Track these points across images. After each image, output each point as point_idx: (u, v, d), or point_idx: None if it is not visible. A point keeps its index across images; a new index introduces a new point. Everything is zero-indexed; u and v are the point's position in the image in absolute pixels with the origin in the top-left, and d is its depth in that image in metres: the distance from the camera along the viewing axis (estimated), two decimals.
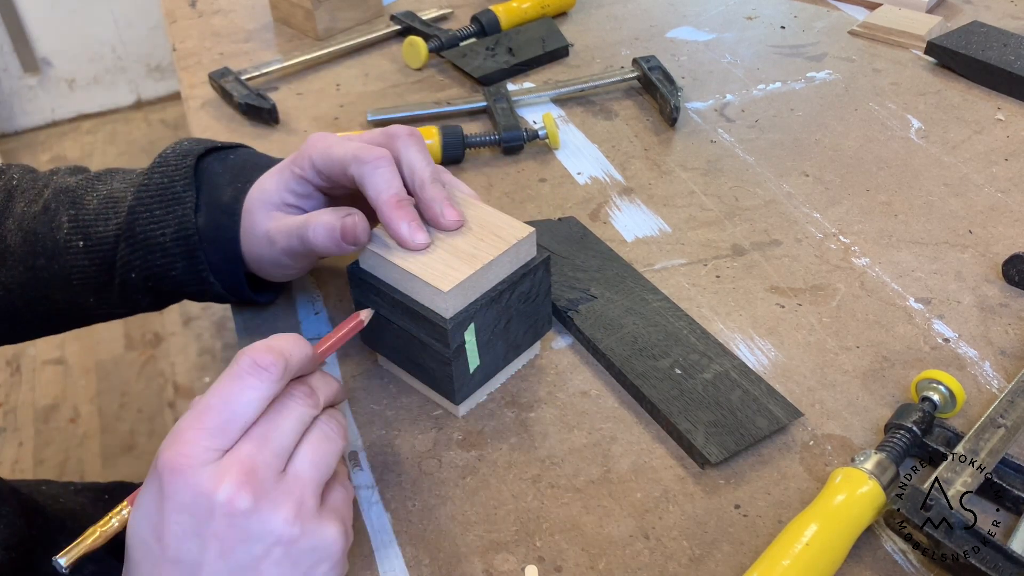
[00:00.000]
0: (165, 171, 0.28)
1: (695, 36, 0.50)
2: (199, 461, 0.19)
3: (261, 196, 0.27)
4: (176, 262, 0.28)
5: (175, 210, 0.27)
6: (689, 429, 0.26)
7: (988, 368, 0.29)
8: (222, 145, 0.30)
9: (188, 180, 0.28)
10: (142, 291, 0.28)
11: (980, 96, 0.43)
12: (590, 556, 0.24)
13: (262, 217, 0.27)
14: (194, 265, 0.28)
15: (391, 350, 0.27)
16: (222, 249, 0.28)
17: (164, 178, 0.28)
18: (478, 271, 0.25)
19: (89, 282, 0.28)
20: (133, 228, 0.27)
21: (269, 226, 0.27)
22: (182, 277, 0.28)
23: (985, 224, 0.35)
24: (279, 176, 0.27)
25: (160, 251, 0.27)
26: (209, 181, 0.28)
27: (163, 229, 0.27)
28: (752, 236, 0.35)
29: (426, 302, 0.25)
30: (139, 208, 0.27)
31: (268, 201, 0.27)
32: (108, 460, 0.87)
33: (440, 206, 0.25)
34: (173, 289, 0.28)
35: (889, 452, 0.25)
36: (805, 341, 0.30)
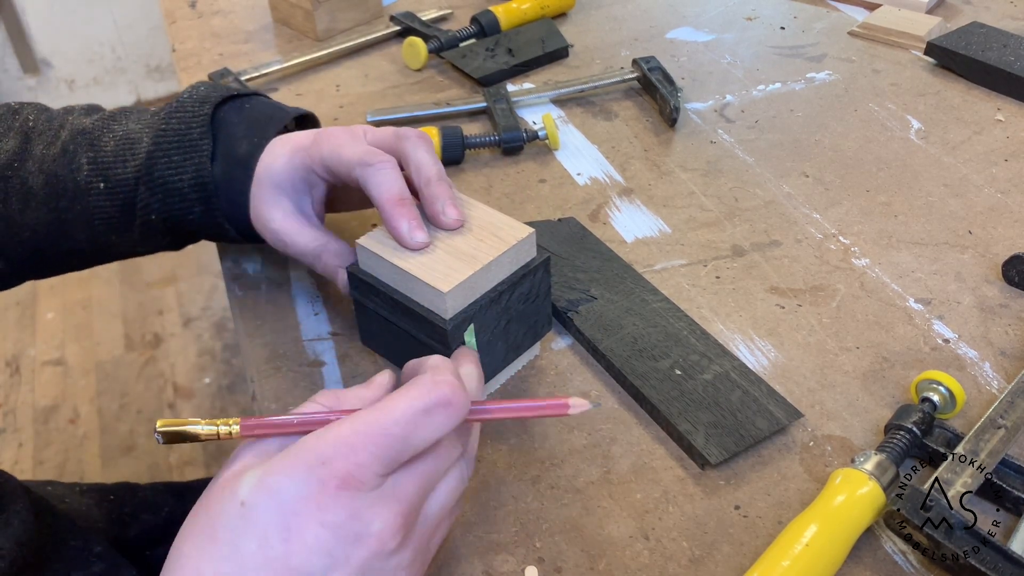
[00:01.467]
0: (183, 117, 0.29)
1: (695, 37, 0.50)
2: (368, 486, 0.18)
3: (269, 175, 0.28)
4: (194, 207, 0.28)
5: (192, 157, 0.28)
6: (689, 430, 0.26)
7: (988, 369, 0.29)
8: (239, 93, 0.30)
9: (205, 128, 0.28)
10: (161, 232, 0.29)
11: (980, 97, 0.43)
12: (590, 557, 0.24)
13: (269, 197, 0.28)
14: (210, 211, 0.28)
15: (390, 350, 0.27)
16: (235, 199, 0.28)
17: (181, 124, 0.28)
18: (478, 272, 0.24)
19: (111, 222, 0.29)
20: (152, 172, 0.28)
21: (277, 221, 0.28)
22: (199, 221, 0.29)
23: (985, 225, 0.35)
24: (290, 160, 0.28)
25: (179, 196, 0.28)
26: (225, 131, 0.29)
27: (180, 175, 0.28)
28: (752, 237, 0.35)
29: (426, 303, 0.25)
30: (157, 153, 0.28)
31: (276, 184, 0.28)
32: (108, 461, 0.87)
33: (443, 204, 0.25)
34: (191, 231, 0.30)
35: (889, 453, 0.25)
36: (805, 342, 0.30)
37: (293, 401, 0.29)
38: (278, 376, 0.29)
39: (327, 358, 0.30)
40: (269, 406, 0.29)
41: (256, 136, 0.29)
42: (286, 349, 0.31)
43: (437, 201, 0.26)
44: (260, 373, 0.30)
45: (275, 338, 0.31)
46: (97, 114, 0.30)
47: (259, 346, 0.31)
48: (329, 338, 0.31)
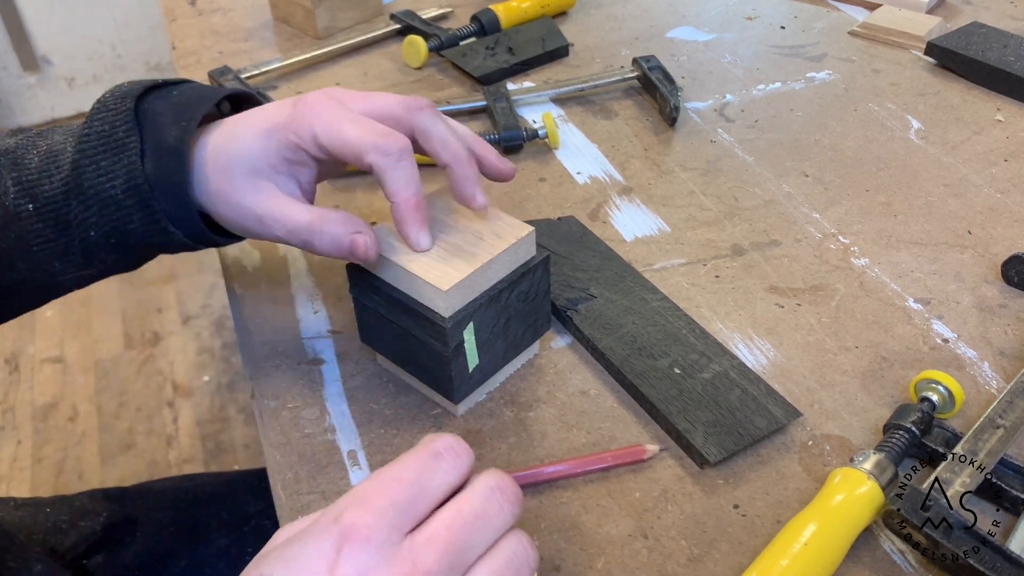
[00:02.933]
0: (105, 117, 0.25)
1: (695, 36, 0.50)
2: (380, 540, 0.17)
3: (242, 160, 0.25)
4: (132, 214, 0.25)
5: (121, 158, 0.25)
6: (688, 429, 0.26)
7: (987, 368, 0.29)
8: (164, 82, 0.27)
9: (130, 124, 0.25)
10: (106, 248, 0.26)
11: (980, 97, 0.43)
12: (588, 555, 0.24)
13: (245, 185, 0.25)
14: (151, 215, 0.25)
15: (390, 349, 0.27)
16: (173, 194, 0.25)
17: (105, 124, 0.25)
18: (477, 270, 0.24)
19: (49, 247, 0.26)
20: (81, 183, 0.25)
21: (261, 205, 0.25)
22: (141, 229, 0.25)
23: (984, 225, 0.35)
24: (265, 140, 0.25)
25: (113, 205, 0.25)
26: (152, 122, 0.25)
27: (112, 181, 0.25)
28: (751, 236, 0.35)
29: (425, 301, 0.25)
30: (83, 161, 0.25)
31: (252, 168, 0.25)
32: (107, 459, 0.86)
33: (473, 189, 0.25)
34: (136, 242, 0.26)
35: (888, 452, 0.25)
36: (804, 341, 0.30)
37: (292, 400, 0.29)
38: (277, 374, 0.29)
39: (326, 356, 0.30)
40: (269, 404, 0.29)
41: (186, 119, 0.25)
42: (285, 347, 0.30)
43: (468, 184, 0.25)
44: (259, 371, 0.30)
45: (274, 336, 0.31)
46: (23, 133, 0.27)
47: (258, 344, 0.31)
48: (328, 336, 0.31)
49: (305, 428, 0.28)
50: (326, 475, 0.26)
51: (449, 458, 0.18)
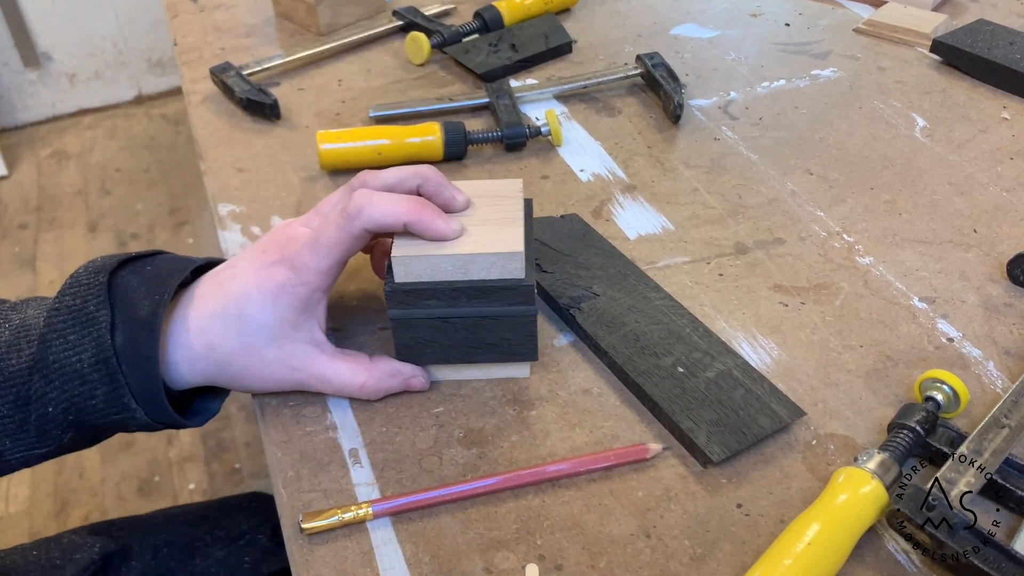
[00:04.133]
0: (77, 291, 0.25)
1: (699, 33, 0.50)
2: None
3: (261, 333, 0.25)
4: (96, 389, 0.24)
5: (90, 332, 0.24)
6: (691, 428, 0.26)
7: (992, 368, 0.29)
8: (138, 255, 0.27)
9: (102, 298, 0.25)
10: (62, 426, 0.25)
11: (985, 95, 0.43)
12: (591, 555, 0.24)
13: (275, 356, 0.26)
14: (115, 390, 0.24)
15: (447, 351, 0.27)
16: (141, 369, 0.24)
17: (76, 299, 0.25)
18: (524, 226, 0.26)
19: (3, 423, 0.25)
20: (46, 357, 0.24)
21: (302, 371, 0.26)
22: (102, 405, 0.25)
23: (990, 223, 0.35)
24: (275, 304, 0.25)
25: (78, 379, 0.24)
26: (124, 297, 0.25)
27: (79, 355, 0.24)
28: (755, 234, 0.35)
29: (497, 274, 0.25)
30: (51, 335, 0.24)
31: (273, 336, 0.25)
32: (107, 457, 0.87)
33: (449, 190, 0.26)
34: (95, 422, 0.25)
35: (892, 452, 0.25)
36: (808, 340, 0.30)
37: (292, 397, 0.29)
38: None
39: None
40: (270, 402, 0.28)
41: (158, 293, 0.25)
42: None
43: (442, 192, 0.26)
44: None
45: None
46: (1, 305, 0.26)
47: None
48: (330, 334, 0.31)
49: (306, 426, 0.27)
50: (327, 473, 0.26)
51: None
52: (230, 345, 0.25)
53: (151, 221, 1.18)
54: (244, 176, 0.40)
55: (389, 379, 0.27)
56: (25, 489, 0.83)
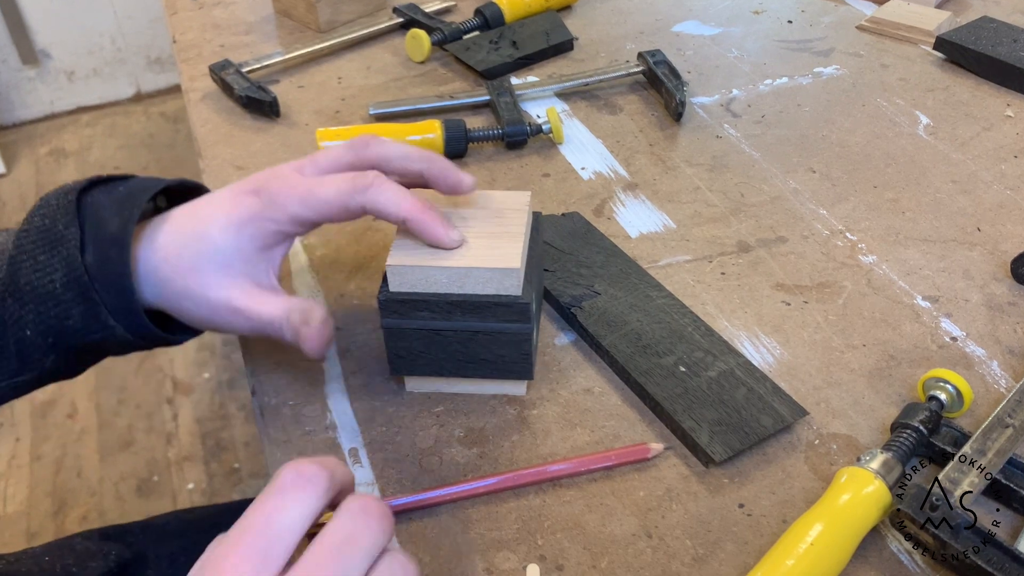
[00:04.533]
0: (46, 212, 0.24)
1: (701, 30, 0.49)
2: None
3: (214, 257, 0.25)
4: (71, 308, 0.24)
5: (60, 251, 0.24)
6: (693, 427, 0.26)
7: (996, 367, 0.29)
8: (109, 177, 0.26)
9: (70, 217, 0.24)
10: (42, 349, 0.25)
11: (989, 92, 0.43)
12: (592, 555, 0.23)
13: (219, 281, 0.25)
14: (91, 309, 0.24)
15: (440, 364, 0.27)
16: (114, 285, 0.24)
17: (45, 219, 0.24)
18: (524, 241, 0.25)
19: None
20: (17, 279, 0.24)
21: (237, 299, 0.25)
22: (79, 325, 0.24)
23: (994, 222, 0.35)
24: (237, 234, 0.25)
25: (52, 300, 0.24)
26: (94, 215, 0.25)
27: (51, 275, 0.24)
28: (758, 233, 0.35)
29: (492, 289, 0.25)
30: (20, 257, 0.24)
31: (225, 263, 0.25)
32: (106, 456, 0.86)
33: (455, 173, 0.25)
34: (76, 342, 0.25)
35: (895, 452, 0.24)
36: (811, 339, 0.30)
37: (292, 396, 0.28)
38: (278, 371, 0.29)
39: (328, 353, 0.30)
40: (269, 401, 0.28)
41: (128, 209, 0.24)
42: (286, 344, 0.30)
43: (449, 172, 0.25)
44: (260, 368, 0.29)
45: None
46: None
47: (259, 341, 0.30)
48: None
49: (306, 425, 0.27)
50: None
51: (297, 488, 0.18)
52: (182, 261, 0.25)
53: None
54: (243, 174, 0.39)
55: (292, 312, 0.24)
56: (23, 489, 0.83)
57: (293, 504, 0.17)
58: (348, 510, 0.18)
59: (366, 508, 0.18)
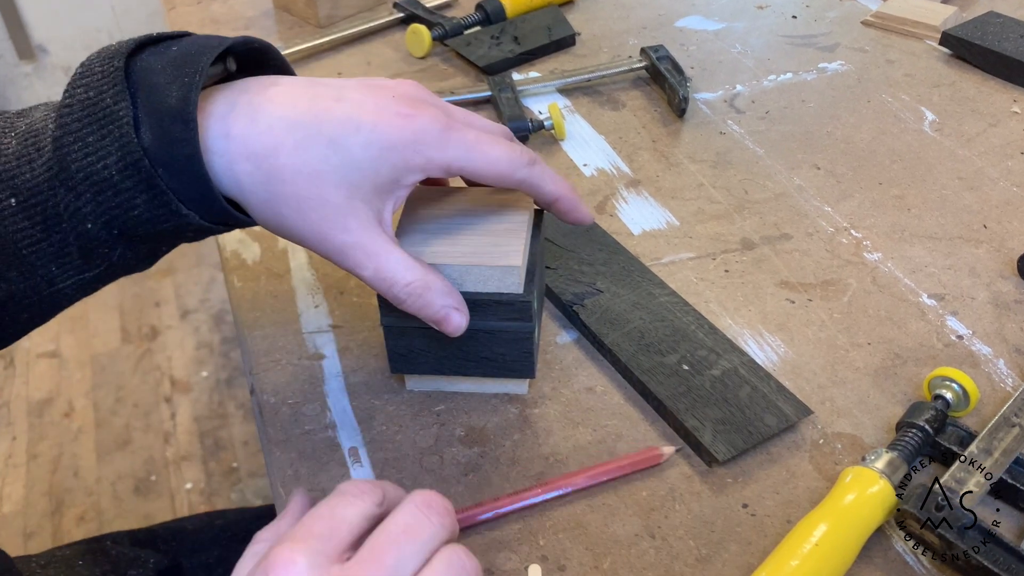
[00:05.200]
0: (89, 83, 0.20)
1: (704, 25, 0.49)
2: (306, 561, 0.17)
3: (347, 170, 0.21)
4: (134, 198, 0.20)
5: (111, 131, 0.20)
6: (696, 426, 0.26)
7: (1002, 366, 0.28)
8: (159, 36, 0.21)
9: (120, 87, 0.20)
10: (108, 243, 0.21)
11: (996, 88, 0.42)
12: (594, 555, 0.23)
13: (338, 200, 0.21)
14: (157, 197, 0.20)
15: (440, 362, 0.26)
16: (183, 170, 0.20)
17: (89, 91, 0.20)
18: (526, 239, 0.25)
19: (41, 247, 0.21)
20: (67, 165, 0.20)
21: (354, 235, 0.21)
22: (148, 215, 0.20)
23: (1000, 219, 0.35)
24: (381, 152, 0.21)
25: (110, 188, 0.20)
26: (147, 82, 0.20)
27: (104, 159, 0.20)
28: (762, 230, 0.34)
29: (494, 287, 0.24)
30: (66, 138, 0.20)
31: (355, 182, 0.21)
32: (103, 455, 0.86)
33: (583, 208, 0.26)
34: (146, 231, 0.21)
35: (900, 451, 0.24)
36: (815, 337, 0.30)
37: (292, 395, 0.28)
38: (277, 369, 0.29)
39: (328, 351, 0.30)
40: (268, 400, 0.28)
41: (189, 74, 0.20)
42: (286, 342, 0.30)
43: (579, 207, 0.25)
44: (259, 366, 0.29)
45: (275, 331, 0.30)
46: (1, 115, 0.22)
47: (258, 339, 0.30)
48: (330, 331, 0.30)
49: (305, 424, 0.27)
50: (327, 472, 0.26)
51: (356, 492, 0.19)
52: (301, 161, 0.21)
53: None
54: None
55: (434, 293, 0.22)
56: (19, 488, 0.83)
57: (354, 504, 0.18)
58: (411, 502, 0.18)
59: (429, 502, 0.18)
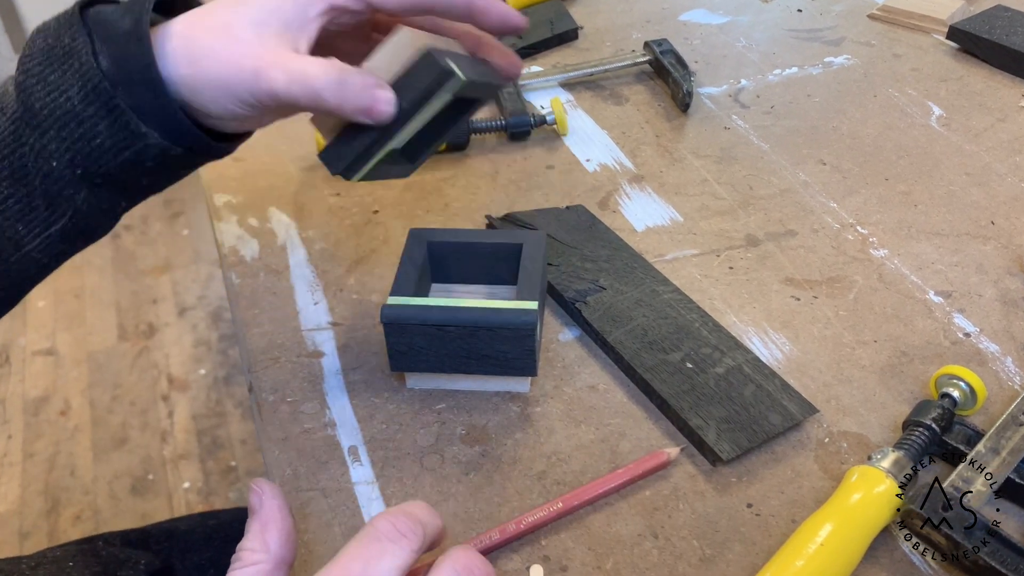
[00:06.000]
0: (47, 33, 0.22)
1: (709, 19, 0.48)
2: None
3: (248, 9, 0.22)
4: (96, 125, 0.21)
5: (71, 64, 0.21)
6: (700, 425, 0.25)
7: (1010, 364, 0.28)
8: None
9: (76, 27, 0.22)
10: (72, 183, 0.22)
11: (1003, 83, 0.42)
12: (597, 555, 0.23)
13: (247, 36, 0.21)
14: (118, 119, 0.21)
15: (438, 361, 0.26)
16: (139, 83, 0.21)
17: (48, 39, 0.22)
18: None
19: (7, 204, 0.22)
20: (31, 105, 0.21)
21: (263, 57, 0.21)
22: (108, 142, 0.22)
23: (1008, 215, 0.34)
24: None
25: (73, 120, 0.21)
26: (101, 20, 0.22)
27: (66, 92, 0.21)
28: (767, 226, 0.34)
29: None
30: (28, 81, 0.21)
31: (259, 20, 0.22)
32: (99, 454, 0.86)
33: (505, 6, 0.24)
34: (107, 166, 0.22)
35: (907, 450, 0.24)
36: (821, 335, 0.29)
37: (291, 393, 0.28)
38: (276, 367, 0.29)
39: (327, 348, 0.29)
40: (267, 398, 0.28)
41: (136, 7, 0.22)
42: (285, 339, 0.30)
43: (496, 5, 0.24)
44: (258, 364, 0.29)
45: (273, 328, 0.30)
46: None
47: (257, 336, 0.30)
48: (329, 328, 0.30)
49: (304, 423, 0.27)
50: (326, 471, 0.25)
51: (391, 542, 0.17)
52: (212, 20, 0.22)
53: (145, 212, 1.16)
54: (240, 166, 0.38)
55: (354, 77, 0.22)
56: (15, 488, 0.82)
57: (390, 554, 0.17)
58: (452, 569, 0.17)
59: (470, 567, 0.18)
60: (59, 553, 0.34)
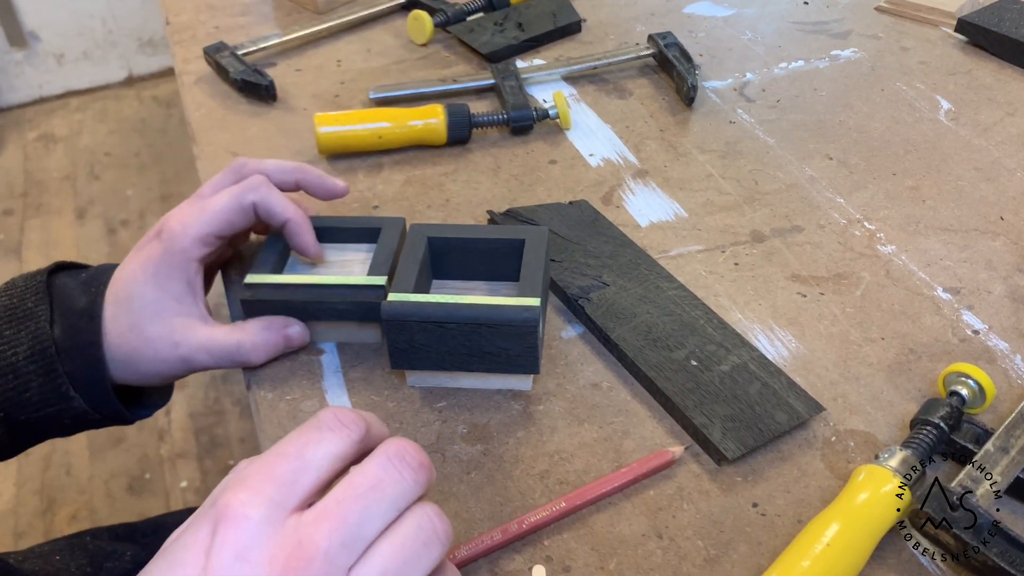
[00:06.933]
0: (13, 293, 0.26)
1: (714, 11, 0.48)
2: (260, 514, 0.16)
3: (148, 310, 0.26)
4: (31, 381, 0.25)
5: (27, 326, 0.25)
6: (705, 423, 0.25)
7: (1019, 361, 0.28)
8: (73, 264, 0.28)
9: (41, 295, 0.25)
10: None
11: (1013, 76, 0.41)
12: (600, 556, 0.23)
13: (160, 333, 0.26)
14: (52, 380, 0.25)
15: (439, 358, 0.26)
16: (81, 356, 0.25)
17: (13, 299, 0.26)
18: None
19: None
20: None
21: (183, 345, 0.26)
22: (38, 397, 0.25)
23: (1017, 210, 0.34)
24: (155, 277, 0.26)
25: (12, 372, 0.25)
26: (62, 293, 0.26)
27: (14, 348, 0.25)
28: (772, 222, 0.34)
29: None
30: None
31: (158, 312, 0.26)
32: (96, 453, 0.85)
33: (330, 180, 0.29)
34: (28, 416, 0.25)
35: (915, 449, 0.24)
36: (827, 332, 0.29)
37: (290, 391, 0.27)
38: (274, 364, 0.28)
39: (326, 345, 0.29)
40: (265, 396, 0.27)
41: (95, 286, 0.26)
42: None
43: (322, 182, 0.29)
44: None
45: None
46: None
47: None
48: None
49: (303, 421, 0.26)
50: None
51: (334, 427, 0.17)
52: (120, 326, 0.26)
53: (142, 207, 1.16)
54: None
55: (264, 332, 0.27)
56: (10, 487, 0.82)
57: (327, 441, 0.17)
58: (384, 453, 0.17)
59: (402, 454, 0.17)
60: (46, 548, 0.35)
